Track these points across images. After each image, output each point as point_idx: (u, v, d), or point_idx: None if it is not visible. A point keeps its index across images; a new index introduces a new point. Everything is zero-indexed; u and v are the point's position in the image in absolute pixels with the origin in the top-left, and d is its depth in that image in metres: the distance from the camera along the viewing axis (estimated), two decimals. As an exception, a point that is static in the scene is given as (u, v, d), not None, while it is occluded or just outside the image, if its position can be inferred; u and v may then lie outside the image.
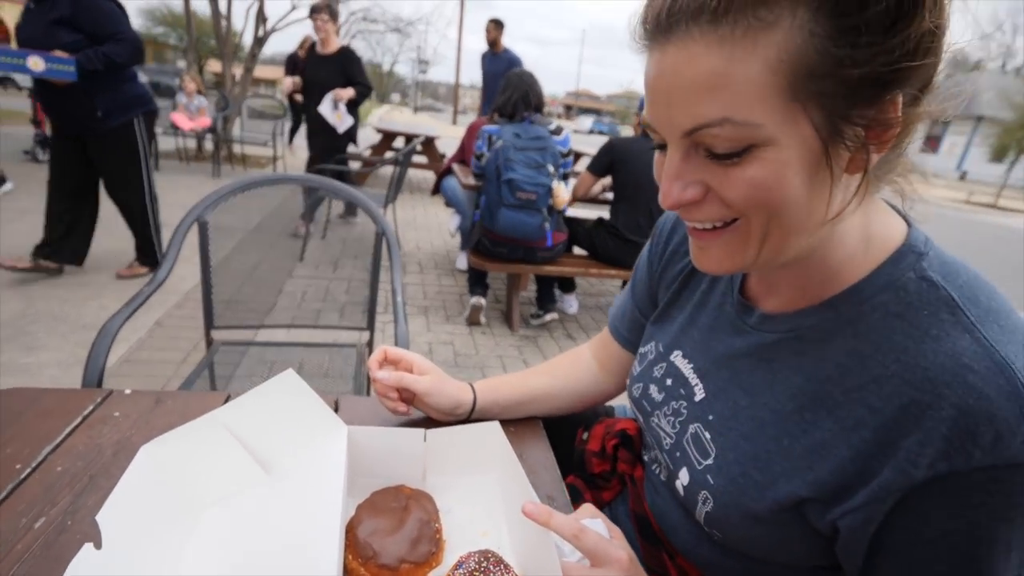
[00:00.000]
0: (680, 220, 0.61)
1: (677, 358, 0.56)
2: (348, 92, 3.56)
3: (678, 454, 0.52)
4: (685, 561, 0.57)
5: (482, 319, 2.65)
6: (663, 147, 0.40)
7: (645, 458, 0.66)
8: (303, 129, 5.40)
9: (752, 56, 0.32)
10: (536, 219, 2.32)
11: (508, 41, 5.01)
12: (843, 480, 0.39)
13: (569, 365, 0.75)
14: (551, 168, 2.29)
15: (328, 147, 3.68)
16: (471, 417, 0.66)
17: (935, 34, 0.32)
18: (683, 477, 0.51)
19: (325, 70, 3.58)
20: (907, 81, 0.33)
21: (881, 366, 0.38)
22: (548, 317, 2.73)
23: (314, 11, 3.50)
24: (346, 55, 3.61)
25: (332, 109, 3.56)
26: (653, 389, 0.58)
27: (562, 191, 2.35)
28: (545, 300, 2.74)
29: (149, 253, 2.73)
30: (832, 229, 0.40)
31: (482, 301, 2.63)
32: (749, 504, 0.44)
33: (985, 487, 0.34)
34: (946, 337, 0.36)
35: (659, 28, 0.35)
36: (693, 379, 0.53)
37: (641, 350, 0.64)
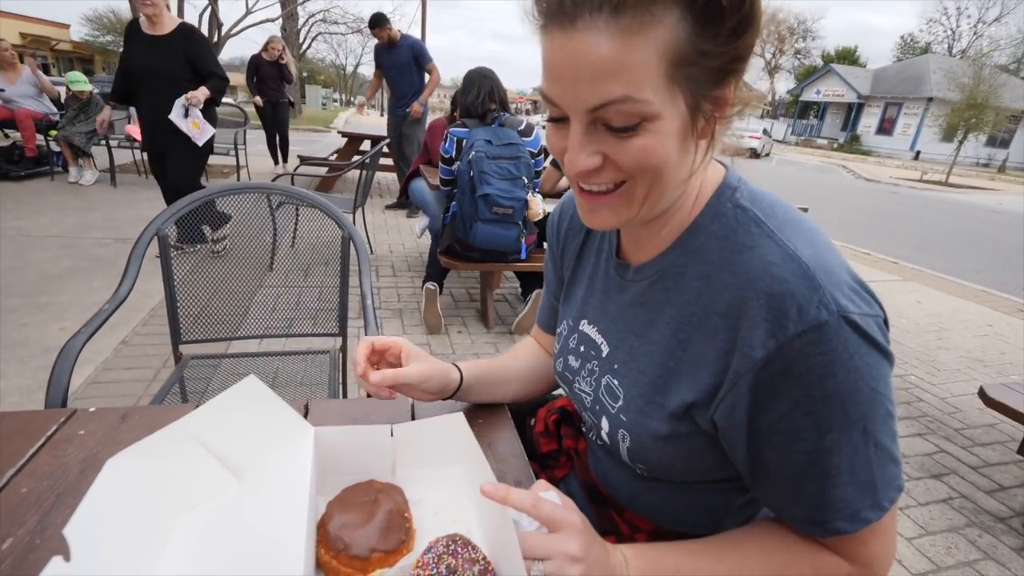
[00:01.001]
0: (566, 209, 0.72)
1: (585, 326, 0.64)
2: (202, 93, 2.85)
3: (597, 407, 0.60)
4: (632, 516, 0.65)
5: (439, 310, 2.56)
6: (557, 120, 0.46)
7: (583, 429, 0.73)
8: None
9: (646, 45, 0.39)
10: (513, 232, 2.32)
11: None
12: (713, 379, 0.48)
13: (526, 349, 0.82)
14: (525, 180, 2.28)
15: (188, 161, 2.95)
16: (456, 394, 0.70)
17: (754, 45, 0.43)
18: (604, 425, 0.58)
19: (160, 55, 2.79)
20: (741, 73, 0.44)
21: (720, 280, 0.48)
22: (536, 296, 2.67)
23: None
24: (186, 34, 2.83)
25: (183, 117, 2.85)
26: (571, 359, 0.65)
27: (536, 203, 2.36)
28: (531, 286, 2.67)
29: None
30: (687, 184, 0.50)
31: (435, 285, 2.55)
32: (655, 427, 0.52)
33: (804, 352, 0.42)
34: (756, 245, 0.46)
35: (564, 13, 0.40)
36: (599, 339, 0.61)
37: (558, 330, 0.71)
